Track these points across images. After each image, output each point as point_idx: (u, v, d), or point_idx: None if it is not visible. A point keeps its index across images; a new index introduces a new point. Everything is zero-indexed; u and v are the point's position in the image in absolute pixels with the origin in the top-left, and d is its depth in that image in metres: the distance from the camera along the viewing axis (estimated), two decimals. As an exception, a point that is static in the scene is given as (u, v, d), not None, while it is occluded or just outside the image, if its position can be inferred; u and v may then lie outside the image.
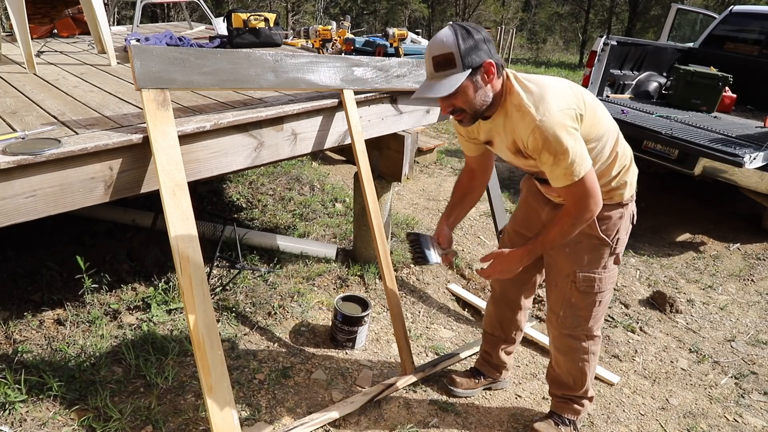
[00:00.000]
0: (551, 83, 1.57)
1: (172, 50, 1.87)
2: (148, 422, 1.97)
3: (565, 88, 1.57)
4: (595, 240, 1.76)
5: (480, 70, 1.51)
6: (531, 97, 1.52)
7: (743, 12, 5.65)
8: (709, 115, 4.85)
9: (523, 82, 1.57)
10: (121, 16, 12.82)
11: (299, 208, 3.91)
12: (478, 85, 1.53)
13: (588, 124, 1.57)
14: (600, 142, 1.62)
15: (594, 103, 1.63)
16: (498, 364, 2.29)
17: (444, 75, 1.51)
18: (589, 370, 1.98)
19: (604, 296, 1.86)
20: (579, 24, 22.66)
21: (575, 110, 1.52)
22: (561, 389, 2.06)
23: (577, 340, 1.92)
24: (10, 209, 1.59)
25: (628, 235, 1.85)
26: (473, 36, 1.50)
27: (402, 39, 3.21)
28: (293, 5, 19.44)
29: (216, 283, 2.86)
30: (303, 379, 2.30)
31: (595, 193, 1.56)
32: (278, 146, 2.23)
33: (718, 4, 17.49)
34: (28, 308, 2.50)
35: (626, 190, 1.76)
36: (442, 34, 1.52)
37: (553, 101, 1.50)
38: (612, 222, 1.76)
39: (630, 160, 1.76)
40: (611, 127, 1.68)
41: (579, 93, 1.59)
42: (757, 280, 3.63)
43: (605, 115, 1.67)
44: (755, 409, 2.42)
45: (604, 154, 1.66)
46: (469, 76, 1.51)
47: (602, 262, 1.80)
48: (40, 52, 3.18)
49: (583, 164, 1.51)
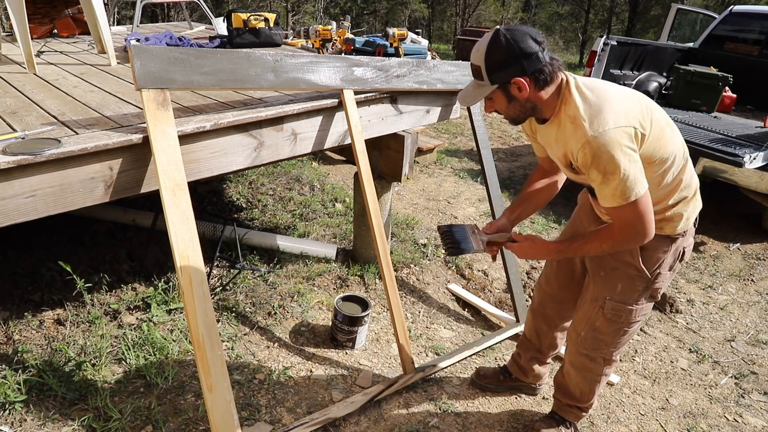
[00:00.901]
0: (615, 96, 1.47)
1: (172, 50, 1.87)
2: (148, 422, 1.97)
3: (631, 104, 1.47)
4: (633, 270, 1.67)
5: (509, 85, 1.48)
6: (588, 109, 1.44)
7: (743, 12, 5.65)
8: (709, 115, 4.85)
9: (583, 91, 1.48)
10: (121, 16, 12.82)
11: (299, 208, 3.91)
12: (511, 97, 1.51)
13: (652, 144, 1.47)
14: (664, 166, 1.52)
15: (664, 123, 1.52)
16: (525, 367, 2.24)
17: (476, 84, 1.52)
18: (597, 388, 1.96)
19: (632, 327, 1.78)
20: (579, 24, 22.65)
21: (636, 128, 1.42)
22: (566, 398, 2.04)
23: (593, 361, 1.87)
24: (10, 209, 1.59)
25: (674, 273, 1.73)
26: (506, 52, 1.43)
27: (402, 39, 3.21)
28: (293, 5, 19.44)
29: (216, 283, 2.86)
30: (303, 379, 2.30)
31: (646, 220, 1.46)
32: (278, 146, 2.23)
33: (718, 4, 17.49)
34: (28, 308, 2.50)
35: (680, 223, 1.61)
36: (481, 42, 1.49)
37: (611, 116, 1.41)
38: (656, 255, 1.65)
39: (694, 192, 1.63)
40: (679, 151, 1.55)
41: (648, 110, 1.49)
42: (757, 280, 3.63)
43: (675, 138, 1.54)
44: (755, 409, 2.42)
45: (668, 179, 1.54)
46: (499, 89, 1.50)
47: (635, 295, 1.70)
48: (40, 52, 3.18)
49: (636, 187, 1.41)
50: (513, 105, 1.53)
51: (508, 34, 1.44)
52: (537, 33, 1.47)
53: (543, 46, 1.47)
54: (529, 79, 1.46)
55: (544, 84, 1.48)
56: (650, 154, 1.48)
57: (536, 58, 1.45)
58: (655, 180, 1.53)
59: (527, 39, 1.44)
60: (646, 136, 1.45)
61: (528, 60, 1.44)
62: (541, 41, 1.47)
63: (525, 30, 1.47)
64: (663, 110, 1.58)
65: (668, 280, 1.74)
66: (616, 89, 1.51)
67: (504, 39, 1.43)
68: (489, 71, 1.47)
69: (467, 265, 3.37)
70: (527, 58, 1.44)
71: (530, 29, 1.48)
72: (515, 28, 1.47)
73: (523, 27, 1.49)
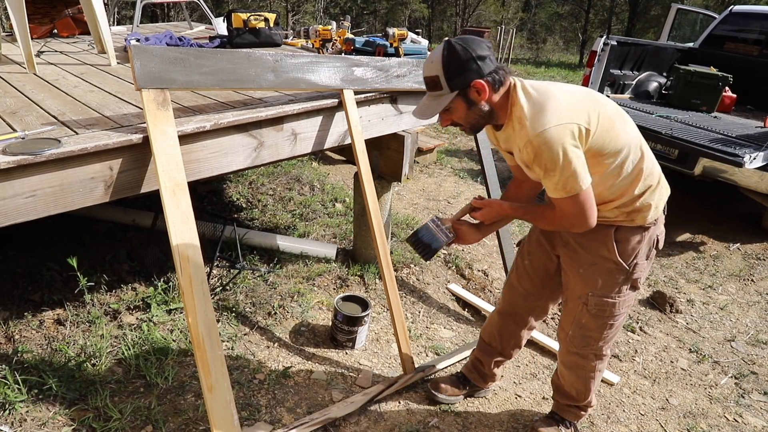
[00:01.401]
0: (559, 94, 1.51)
1: (172, 50, 1.87)
2: (148, 422, 1.97)
3: (575, 100, 1.51)
4: (611, 264, 1.69)
5: (468, 90, 1.52)
6: (532, 108, 1.49)
7: (743, 12, 5.65)
8: (709, 115, 4.85)
9: (528, 91, 1.53)
10: (121, 16, 12.82)
11: (299, 208, 3.91)
12: (470, 103, 1.54)
13: (601, 137, 1.50)
14: (618, 157, 1.55)
15: (614, 115, 1.55)
16: (487, 374, 2.23)
17: (434, 96, 1.55)
18: (593, 385, 1.96)
19: (617, 320, 1.79)
20: (579, 24, 22.64)
21: (580, 125, 1.46)
22: (564, 398, 2.04)
23: (584, 358, 1.89)
24: (10, 209, 1.59)
25: (651, 261, 1.76)
26: (461, 56, 1.48)
27: (402, 39, 3.20)
28: (293, 5, 19.44)
29: (216, 283, 2.86)
30: (303, 379, 2.30)
31: (585, 213, 1.52)
32: (278, 146, 2.23)
33: (718, 4, 17.48)
34: (28, 308, 2.50)
35: (650, 212, 1.65)
36: (433, 54, 1.54)
37: (552, 114, 1.45)
38: (630, 246, 1.68)
39: (658, 181, 1.66)
40: (634, 141, 1.58)
41: (595, 105, 1.52)
42: (757, 280, 3.63)
43: (627, 129, 1.57)
44: (755, 409, 2.42)
45: (626, 170, 1.57)
46: (458, 96, 1.53)
47: (616, 288, 1.72)
48: (40, 52, 3.18)
49: (577, 183, 1.46)
50: (472, 111, 1.56)
51: (460, 41, 1.51)
52: (485, 40, 1.55)
53: (492, 51, 1.55)
54: (486, 81, 1.51)
55: (498, 86, 1.54)
56: (600, 147, 1.52)
57: (489, 61, 1.52)
58: (614, 172, 1.57)
59: (479, 43, 1.52)
60: (591, 132, 1.49)
61: (483, 62, 1.50)
62: (490, 46, 1.55)
63: (473, 37, 1.55)
64: (614, 103, 1.62)
65: (647, 269, 1.76)
66: (561, 88, 1.55)
67: (458, 46, 1.50)
68: (448, 78, 1.50)
69: (467, 265, 3.37)
70: (482, 60, 1.50)
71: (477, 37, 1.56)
72: (464, 36, 1.56)
73: (470, 36, 1.57)
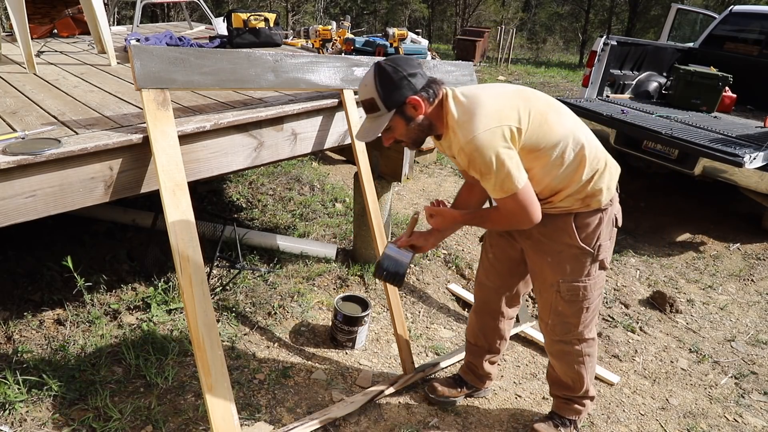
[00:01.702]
0: (488, 98, 1.55)
1: (172, 50, 1.87)
2: (148, 422, 1.97)
3: (504, 101, 1.55)
4: (576, 249, 1.72)
5: (405, 107, 1.56)
6: (462, 115, 1.54)
7: (743, 12, 5.65)
8: (709, 115, 4.85)
9: (459, 99, 1.58)
10: (121, 16, 12.81)
11: (299, 208, 3.91)
12: (408, 119, 1.59)
13: (535, 133, 1.55)
14: (557, 149, 1.58)
15: (545, 110, 1.59)
16: (483, 374, 2.23)
17: (372, 117, 1.60)
18: (586, 371, 1.96)
19: (592, 302, 1.82)
20: (579, 24, 22.64)
21: (510, 126, 1.51)
22: (561, 390, 2.05)
23: (569, 344, 1.91)
24: (10, 209, 1.59)
25: (613, 239, 1.79)
26: (393, 76, 1.54)
27: (402, 39, 3.21)
28: (293, 5, 19.43)
29: (216, 283, 2.86)
30: (303, 379, 2.30)
31: (527, 210, 1.56)
32: (278, 146, 2.23)
33: (718, 4, 17.48)
34: (28, 308, 2.50)
35: (603, 195, 1.68)
36: (365, 78, 1.59)
37: (481, 120, 1.50)
38: (591, 229, 1.71)
39: (605, 164, 1.68)
40: (570, 132, 1.61)
41: (526, 102, 1.56)
42: (757, 280, 3.63)
43: (562, 120, 1.61)
44: (755, 409, 2.42)
45: (568, 159, 1.61)
46: (396, 114, 1.57)
47: (585, 270, 1.75)
48: (40, 52, 3.19)
49: (513, 182, 1.50)
50: (412, 127, 1.61)
51: (389, 62, 1.57)
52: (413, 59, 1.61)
53: (420, 63, 1.61)
54: (420, 96, 1.56)
55: (433, 99, 1.59)
56: (535, 142, 1.56)
57: (420, 76, 1.58)
58: (555, 162, 1.60)
59: (408, 62, 1.58)
60: (523, 131, 1.53)
61: (414, 78, 1.56)
62: (419, 63, 1.61)
63: (402, 57, 1.62)
64: (546, 96, 1.66)
65: (611, 249, 1.80)
66: (490, 91, 1.59)
67: (388, 67, 1.55)
68: (384, 98, 1.55)
69: (467, 265, 3.37)
70: (413, 77, 1.56)
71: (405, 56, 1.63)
72: (393, 57, 1.61)
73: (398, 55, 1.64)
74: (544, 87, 10.09)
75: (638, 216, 4.51)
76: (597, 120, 4.35)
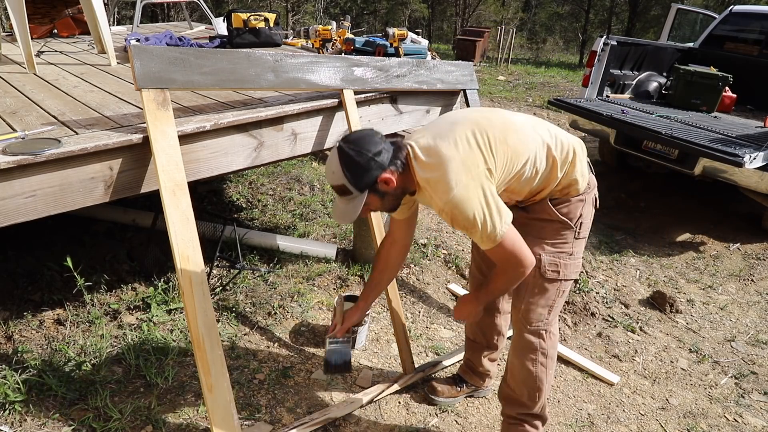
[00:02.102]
0: (450, 151, 1.51)
1: (172, 50, 1.87)
2: (148, 422, 1.97)
3: (464, 148, 1.52)
4: (557, 224, 1.74)
5: (377, 185, 1.54)
6: (431, 175, 1.52)
7: (743, 12, 5.65)
8: (709, 115, 4.85)
9: (420, 159, 1.55)
10: (121, 16, 12.81)
11: (299, 208, 3.91)
12: (382, 194, 1.57)
13: (503, 165, 1.56)
14: (529, 161, 1.60)
15: (504, 134, 1.57)
16: (482, 372, 2.23)
17: (347, 200, 1.57)
18: (545, 379, 1.87)
19: (567, 286, 1.82)
20: (579, 24, 22.63)
21: (481, 168, 1.51)
22: (515, 408, 1.94)
23: (537, 337, 1.84)
24: (10, 209, 1.59)
25: (592, 219, 1.81)
26: (359, 160, 1.50)
27: (402, 39, 3.21)
28: (293, 5, 19.43)
29: (216, 283, 2.86)
30: (303, 379, 2.30)
31: (518, 254, 1.56)
32: (278, 146, 2.23)
33: (718, 4, 17.47)
34: (28, 308, 2.50)
35: (580, 182, 1.71)
36: (330, 164, 1.55)
37: (452, 178, 1.48)
38: (572, 205, 1.73)
39: (572, 152, 1.68)
40: (532, 142, 1.62)
41: (483, 137, 1.54)
42: (757, 280, 3.63)
43: (521, 137, 1.60)
44: (755, 409, 2.42)
45: (541, 166, 1.63)
46: (370, 193, 1.55)
47: (568, 245, 1.76)
48: (40, 52, 3.19)
49: (499, 227, 1.50)
50: (387, 199, 1.60)
51: (350, 144, 1.53)
52: (368, 130, 1.58)
53: (381, 136, 1.56)
54: (391, 171, 1.54)
55: (402, 167, 1.56)
56: (508, 171, 1.58)
57: (385, 151, 1.53)
58: (530, 175, 1.63)
59: (369, 139, 1.53)
60: (493, 169, 1.53)
61: (380, 156, 1.51)
62: (381, 136, 1.56)
63: (361, 134, 1.57)
64: (499, 116, 1.64)
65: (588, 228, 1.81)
66: (448, 141, 1.54)
67: (351, 151, 1.51)
68: (354, 183, 1.52)
69: (467, 265, 3.37)
70: (379, 155, 1.51)
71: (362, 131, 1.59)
72: (351, 137, 1.57)
73: (356, 133, 1.59)
74: (544, 87, 10.10)
75: (638, 216, 4.51)
76: (597, 120, 4.35)
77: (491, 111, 1.69)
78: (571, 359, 2.58)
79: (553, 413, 2.25)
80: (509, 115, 1.67)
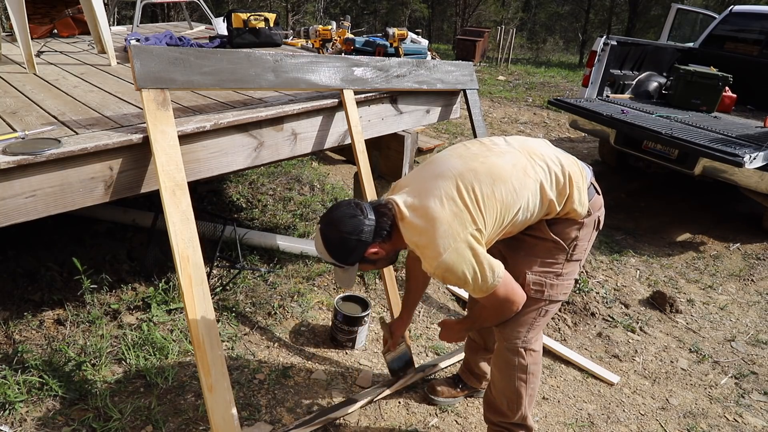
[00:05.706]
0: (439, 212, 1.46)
1: (172, 50, 1.87)
2: (148, 422, 1.97)
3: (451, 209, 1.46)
4: (550, 243, 1.68)
5: (366, 257, 1.54)
6: (420, 239, 1.49)
7: (743, 12, 5.65)
8: (709, 115, 4.85)
9: (408, 220, 1.50)
10: (121, 16, 12.81)
11: (299, 208, 3.91)
12: (373, 261, 1.59)
13: (493, 215, 1.51)
14: (521, 209, 1.56)
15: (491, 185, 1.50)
16: (479, 373, 2.22)
17: (343, 270, 1.59)
18: (525, 393, 1.82)
19: (551, 307, 1.75)
20: (579, 24, 22.62)
21: (470, 229, 1.46)
22: (496, 415, 1.91)
23: (515, 355, 1.78)
24: (10, 209, 1.59)
25: (591, 242, 1.74)
26: (342, 246, 1.49)
27: (402, 39, 3.21)
28: (293, 5, 19.42)
29: (216, 283, 2.86)
30: (303, 379, 2.30)
31: (511, 300, 1.58)
32: (278, 146, 2.23)
33: (718, 4, 17.47)
34: (28, 308, 2.50)
35: (580, 209, 1.64)
36: (317, 245, 1.55)
37: (439, 242, 1.45)
38: (568, 227, 1.67)
39: (570, 186, 1.61)
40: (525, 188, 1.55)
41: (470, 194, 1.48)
42: (757, 280, 3.63)
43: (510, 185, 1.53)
44: (755, 409, 2.42)
45: (535, 209, 1.59)
46: (362, 263, 1.57)
47: (557, 266, 1.70)
48: (40, 52, 3.19)
49: (490, 279, 1.50)
50: (380, 262, 1.63)
51: (331, 229, 1.50)
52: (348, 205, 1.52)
53: (362, 208, 1.51)
54: (377, 244, 1.53)
55: (388, 236, 1.54)
56: (501, 222, 1.55)
57: (369, 226, 1.49)
58: (525, 216, 1.59)
59: (346, 220, 1.49)
60: (483, 228, 1.49)
61: (363, 234, 1.49)
62: (358, 205, 1.52)
63: (339, 214, 1.51)
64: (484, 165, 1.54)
65: (587, 251, 1.76)
66: (434, 200, 1.48)
67: (333, 235, 1.50)
68: (344, 261, 1.55)
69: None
70: (361, 234, 1.48)
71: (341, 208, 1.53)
72: (331, 219, 1.52)
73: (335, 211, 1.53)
74: (544, 87, 10.09)
75: (638, 216, 4.51)
76: (597, 120, 4.35)
77: (476, 158, 1.57)
78: (571, 359, 2.58)
79: (553, 413, 2.26)
80: (497, 161, 1.56)
